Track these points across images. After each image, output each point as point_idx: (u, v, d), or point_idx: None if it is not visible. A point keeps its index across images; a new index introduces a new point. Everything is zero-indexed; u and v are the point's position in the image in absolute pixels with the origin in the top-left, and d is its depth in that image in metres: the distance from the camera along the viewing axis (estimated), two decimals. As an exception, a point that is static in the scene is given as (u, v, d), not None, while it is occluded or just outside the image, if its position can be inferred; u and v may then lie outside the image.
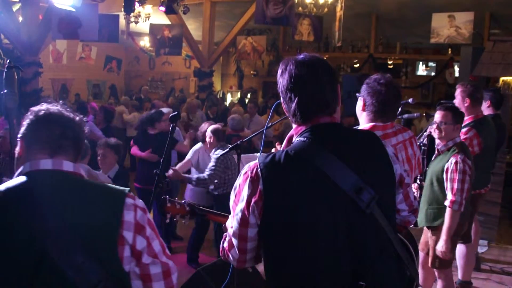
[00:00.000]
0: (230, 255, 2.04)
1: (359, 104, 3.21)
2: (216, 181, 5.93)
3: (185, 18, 14.06)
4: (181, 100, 14.61)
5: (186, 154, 6.66)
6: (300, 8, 13.27)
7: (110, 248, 1.78)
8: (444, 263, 4.36)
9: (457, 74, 12.97)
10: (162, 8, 11.11)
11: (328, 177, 1.83)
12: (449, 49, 13.79)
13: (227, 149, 4.47)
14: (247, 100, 16.67)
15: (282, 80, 2.01)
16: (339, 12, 13.53)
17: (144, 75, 22.00)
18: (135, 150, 6.93)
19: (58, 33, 11.14)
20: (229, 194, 2.09)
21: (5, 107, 3.55)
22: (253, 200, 1.86)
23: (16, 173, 1.89)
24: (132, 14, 13.31)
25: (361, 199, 1.84)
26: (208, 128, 6.22)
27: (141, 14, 13.92)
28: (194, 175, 6.16)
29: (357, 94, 3.27)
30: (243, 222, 1.90)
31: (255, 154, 5.45)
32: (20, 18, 11.78)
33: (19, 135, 1.96)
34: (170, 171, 5.81)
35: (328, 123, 1.97)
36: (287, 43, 17.27)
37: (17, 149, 1.95)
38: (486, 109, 6.13)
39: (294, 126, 2.04)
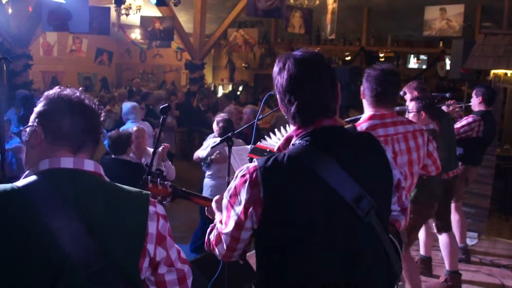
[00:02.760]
0: (216, 249, 2.02)
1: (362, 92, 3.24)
2: None
3: (176, 10, 14.00)
4: (171, 92, 14.55)
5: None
6: (291, 0, 13.25)
7: (132, 259, 1.69)
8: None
9: (448, 67, 13.00)
10: (153, 1, 11.05)
11: (329, 186, 1.79)
12: (441, 42, 13.82)
13: (218, 142, 4.45)
14: (238, 93, 16.67)
15: (280, 79, 1.92)
16: (331, 4, 13.52)
17: (135, 67, 21.90)
18: None
19: (48, 25, 11.05)
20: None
21: (-7, 98, 3.51)
22: (251, 206, 1.81)
23: (29, 170, 1.71)
24: (123, 6, 13.24)
25: (360, 208, 1.81)
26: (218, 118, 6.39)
27: (132, 6, 13.85)
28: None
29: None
30: (238, 225, 1.87)
31: (246, 146, 5.43)
32: (10, 10, 11.69)
33: (36, 121, 1.73)
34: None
35: (330, 127, 1.91)
36: (278, 35, 17.24)
37: (31, 136, 1.72)
38: (477, 105, 6.15)
39: (293, 127, 1.97)
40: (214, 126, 6.39)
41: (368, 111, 3.16)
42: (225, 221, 1.93)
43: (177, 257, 1.84)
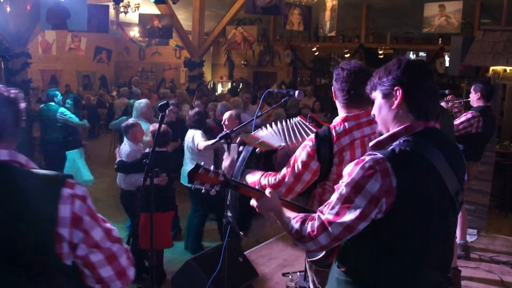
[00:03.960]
0: (315, 240, 2.04)
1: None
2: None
3: (175, 8, 13.98)
4: (171, 90, 14.56)
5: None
6: (290, -2, 13.25)
7: (47, 246, 1.67)
8: None
9: (447, 64, 13.00)
10: (152, -2, 11.04)
11: (441, 178, 1.98)
12: (440, 39, 13.82)
13: (216, 139, 4.44)
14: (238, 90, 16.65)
15: (404, 76, 2.05)
16: (331, 1, 13.52)
17: (134, 65, 21.92)
18: None
19: (47, 23, 11.05)
20: None
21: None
22: (383, 196, 1.88)
23: None
24: (121, 4, 13.24)
25: (458, 201, 2.05)
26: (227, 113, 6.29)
27: (130, 4, 13.85)
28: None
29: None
30: (363, 215, 1.92)
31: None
32: (8, 9, 11.68)
33: None
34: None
35: (435, 128, 2.09)
36: (277, 33, 17.24)
37: None
38: (476, 100, 6.14)
39: (399, 123, 2.07)
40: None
41: (341, 112, 2.97)
42: (337, 211, 1.97)
43: (103, 236, 1.80)
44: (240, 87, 17.80)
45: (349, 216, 1.94)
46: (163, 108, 3.06)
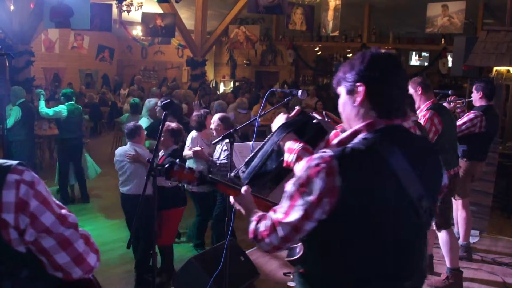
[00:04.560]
0: (266, 240, 1.98)
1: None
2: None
3: (178, 7, 13.99)
4: (173, 88, 14.57)
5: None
6: (293, -3, 13.25)
7: None
8: None
9: (450, 64, 12.99)
10: (155, -3, 11.05)
11: (399, 180, 1.84)
12: (442, 39, 13.80)
13: (219, 138, 4.44)
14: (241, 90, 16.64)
15: (367, 71, 1.94)
16: (334, 1, 13.51)
17: (137, 64, 21.93)
18: None
19: (50, 22, 11.07)
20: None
21: (-4, 94, 3.51)
22: (326, 195, 1.79)
23: None
24: (124, 3, 13.26)
25: (421, 207, 1.88)
26: (215, 116, 6.27)
27: (133, 3, 13.86)
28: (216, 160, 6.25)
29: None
30: (307, 215, 1.84)
31: (247, 143, 5.42)
32: (12, 7, 11.70)
33: None
34: (197, 148, 6.12)
35: (400, 126, 1.97)
36: (280, 32, 17.24)
37: None
38: (478, 100, 6.14)
39: (361, 120, 1.97)
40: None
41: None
42: (285, 211, 1.90)
43: (55, 222, 1.77)
44: (242, 87, 17.77)
45: (295, 216, 1.86)
46: (166, 106, 3.05)
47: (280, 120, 2.71)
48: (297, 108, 2.91)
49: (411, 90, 5.27)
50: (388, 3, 13.65)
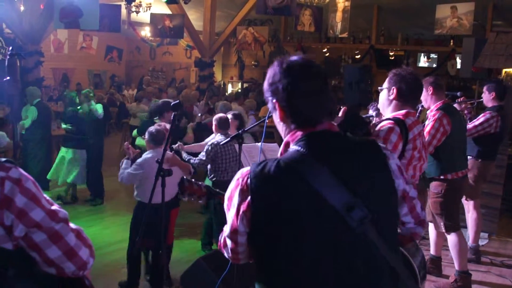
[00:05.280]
0: (224, 251, 2.02)
1: (389, 93, 3.54)
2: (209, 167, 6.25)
3: (186, 8, 14.02)
4: (181, 89, 14.59)
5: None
6: (301, -2, 13.26)
7: None
8: None
9: (459, 66, 12.94)
10: (164, -2, 11.09)
11: (319, 193, 1.74)
12: (451, 41, 13.75)
13: (228, 139, 4.45)
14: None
15: (276, 81, 1.90)
16: (343, 2, 13.50)
17: (145, 65, 21.99)
18: None
19: (60, 22, 11.13)
20: (228, 181, 2.07)
21: (7, 94, 3.55)
22: (241, 209, 1.81)
23: None
24: (133, 3, 13.30)
25: (352, 217, 1.73)
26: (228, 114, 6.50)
27: (142, 4, 13.90)
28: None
29: (379, 88, 3.67)
30: (233, 228, 1.86)
31: (256, 144, 5.44)
32: (22, 8, 11.76)
33: None
34: (178, 143, 6.21)
35: (324, 131, 1.88)
36: (288, 33, 17.24)
37: None
38: (490, 100, 6.13)
39: (289, 132, 1.93)
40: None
41: (398, 109, 3.53)
42: (226, 224, 1.93)
43: (45, 217, 1.76)
44: (250, 88, 17.76)
45: (228, 229, 1.90)
46: (176, 107, 3.08)
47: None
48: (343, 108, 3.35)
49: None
50: (397, 4, 13.61)
